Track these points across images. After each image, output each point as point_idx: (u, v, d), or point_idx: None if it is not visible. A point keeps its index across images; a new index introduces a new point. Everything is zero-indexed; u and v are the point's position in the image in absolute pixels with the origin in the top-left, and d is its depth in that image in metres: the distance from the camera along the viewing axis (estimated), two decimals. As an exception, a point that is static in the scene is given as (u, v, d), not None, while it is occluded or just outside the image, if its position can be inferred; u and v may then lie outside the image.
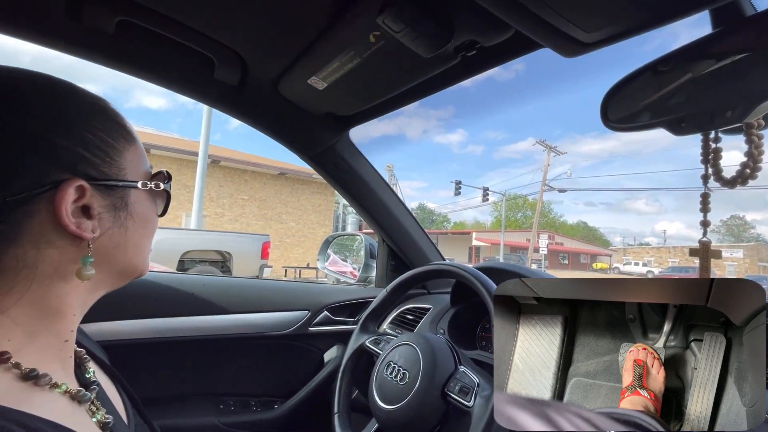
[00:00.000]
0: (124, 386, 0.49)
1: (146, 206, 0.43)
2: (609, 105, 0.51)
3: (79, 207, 0.36)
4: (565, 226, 51.34)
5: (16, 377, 0.32)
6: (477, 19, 0.54)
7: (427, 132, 70.81)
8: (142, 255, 0.43)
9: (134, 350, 0.94)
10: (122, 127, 0.41)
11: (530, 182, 48.64)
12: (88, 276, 0.37)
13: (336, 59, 0.67)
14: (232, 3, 0.61)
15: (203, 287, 1.06)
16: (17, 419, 0.27)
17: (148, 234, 0.44)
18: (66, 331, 0.37)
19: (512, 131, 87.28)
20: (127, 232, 0.40)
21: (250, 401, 1.10)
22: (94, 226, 0.37)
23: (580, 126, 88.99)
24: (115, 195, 0.39)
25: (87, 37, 0.69)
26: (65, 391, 0.35)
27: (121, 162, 0.40)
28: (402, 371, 0.70)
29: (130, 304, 0.95)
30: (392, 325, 1.13)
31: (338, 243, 1.65)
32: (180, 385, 1.04)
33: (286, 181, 11.94)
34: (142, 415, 0.49)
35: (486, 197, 22.58)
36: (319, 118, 0.95)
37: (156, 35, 0.69)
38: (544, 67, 59.88)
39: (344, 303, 1.22)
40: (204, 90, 0.86)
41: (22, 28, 0.68)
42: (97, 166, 0.37)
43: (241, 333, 1.07)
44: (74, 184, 0.35)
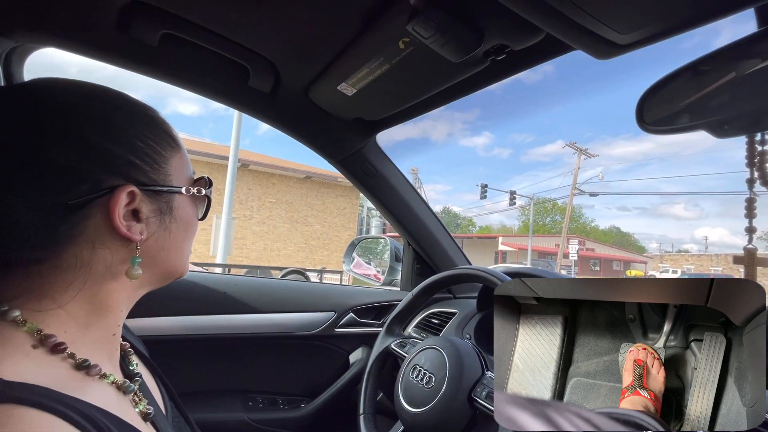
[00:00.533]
0: (162, 379, 0.52)
1: (189, 211, 0.44)
2: (645, 107, 0.50)
3: (129, 211, 0.38)
4: (597, 231, 49.44)
5: (70, 366, 0.34)
6: (507, 24, 0.54)
7: (452, 135, 70.27)
8: (183, 257, 0.45)
9: (170, 346, 0.99)
10: (168, 135, 0.43)
11: (560, 186, 47.28)
12: (137, 275, 0.39)
13: (365, 66, 0.68)
14: (268, 15, 0.64)
15: (235, 287, 1.10)
16: (74, 405, 0.29)
17: (189, 237, 0.45)
18: (114, 326, 0.40)
19: (540, 134, 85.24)
20: (171, 235, 0.42)
21: (278, 399, 1.13)
22: (142, 228, 0.39)
23: (612, 128, 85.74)
24: (162, 200, 0.41)
25: (133, 49, 0.74)
26: (112, 382, 0.37)
27: (168, 168, 0.42)
28: (428, 375, 0.70)
29: (168, 301, 0.99)
30: (417, 328, 1.13)
31: (363, 246, 1.67)
32: (211, 381, 1.08)
33: (311, 184, 12.15)
34: (178, 407, 0.51)
35: (513, 201, 22.10)
36: (348, 123, 0.96)
37: (195, 47, 0.73)
38: (573, 68, 58.23)
39: (370, 305, 1.23)
40: (238, 97, 0.89)
41: (75, 42, 0.73)
42: (146, 172, 0.39)
43: (269, 332, 1.10)
44: (126, 189, 0.37)
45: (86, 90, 0.40)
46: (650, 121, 0.50)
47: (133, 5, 0.64)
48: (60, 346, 0.34)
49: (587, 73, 65.54)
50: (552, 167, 75.55)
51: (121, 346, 0.46)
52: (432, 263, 1.26)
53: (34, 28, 0.71)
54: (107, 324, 0.39)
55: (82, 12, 0.67)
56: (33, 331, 0.33)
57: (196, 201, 0.46)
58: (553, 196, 39.31)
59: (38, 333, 0.33)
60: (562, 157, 70.57)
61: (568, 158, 69.29)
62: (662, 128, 0.50)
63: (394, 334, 0.92)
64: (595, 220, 57.14)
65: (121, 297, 0.40)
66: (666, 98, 0.49)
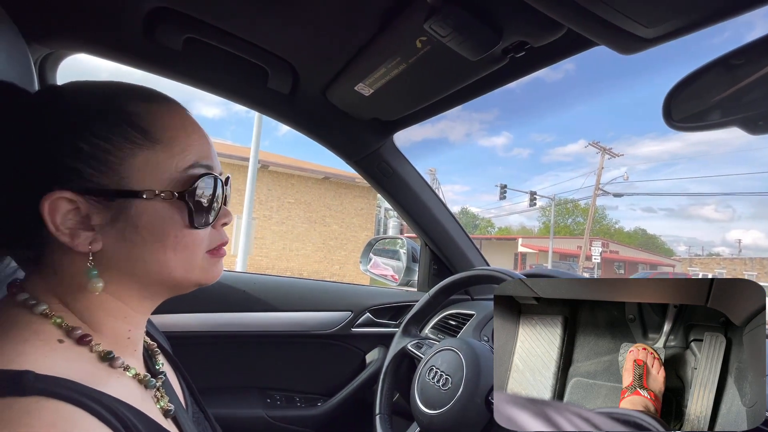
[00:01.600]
0: (183, 375, 0.53)
1: (160, 218, 0.37)
2: (673, 103, 0.48)
3: (80, 218, 0.35)
4: (621, 233, 47.92)
5: (95, 359, 0.35)
6: (527, 20, 0.53)
7: (470, 135, 69.47)
8: (173, 269, 0.38)
9: (191, 341, 1.02)
10: (134, 130, 0.36)
11: (582, 186, 46.14)
12: (95, 288, 0.35)
13: (382, 66, 0.68)
14: (287, 17, 0.65)
15: (254, 285, 1.12)
16: (99, 399, 0.31)
17: (170, 248, 0.37)
18: (124, 330, 0.39)
19: (561, 133, 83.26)
20: (135, 246, 0.37)
21: (295, 397, 1.14)
22: (93, 238, 0.35)
23: (637, 127, 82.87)
24: (115, 206, 0.36)
25: (158, 53, 0.76)
26: (134, 375, 0.38)
27: (123, 170, 0.36)
28: (444, 376, 0.69)
29: (190, 298, 1.02)
30: (434, 329, 1.13)
31: (380, 246, 1.67)
32: (230, 377, 1.10)
33: (330, 185, 12.25)
34: (198, 403, 0.53)
35: (533, 201, 21.69)
36: (365, 124, 0.97)
37: (217, 50, 0.75)
38: (596, 65, 56.45)
39: (386, 305, 1.23)
40: (258, 99, 0.91)
41: (104, 48, 0.77)
42: (90, 176, 0.35)
43: (287, 330, 1.12)
44: (55, 196, 0.34)
45: (56, 91, 0.38)
46: (678, 118, 0.48)
47: (158, 11, 0.67)
48: (86, 338, 0.35)
49: (611, 69, 63.54)
50: (573, 167, 73.73)
51: (149, 346, 0.48)
52: (449, 264, 1.25)
53: (66, 36, 0.75)
54: (118, 327, 0.39)
55: (111, 20, 0.70)
56: (60, 324, 0.35)
57: (179, 206, 0.37)
58: (575, 196, 38.37)
59: (65, 326, 0.35)
60: (584, 157, 68.74)
61: (591, 158, 67.46)
62: (691, 125, 0.49)
63: (410, 335, 0.91)
64: (619, 221, 55.33)
65: (114, 306, 0.38)
66: (695, 94, 0.47)
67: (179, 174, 0.38)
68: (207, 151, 0.41)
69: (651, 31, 0.45)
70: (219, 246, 0.42)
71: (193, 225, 0.38)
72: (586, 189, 30.35)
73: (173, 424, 0.41)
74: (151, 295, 0.40)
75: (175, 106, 0.41)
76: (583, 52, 0.60)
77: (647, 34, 0.46)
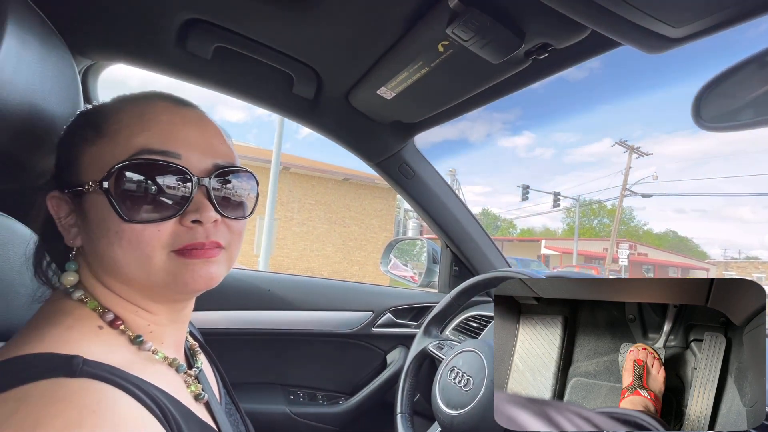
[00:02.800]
0: (218, 369, 0.56)
1: (101, 211, 0.36)
2: (702, 102, 0.47)
3: (69, 215, 0.39)
4: (651, 235, 46.10)
5: (128, 342, 0.38)
6: (550, 23, 0.53)
7: (490, 136, 68.33)
8: (128, 268, 0.36)
9: (218, 338, 1.05)
10: (87, 128, 0.39)
11: (608, 186, 44.72)
12: (68, 281, 0.38)
13: (404, 70, 0.69)
14: (311, 24, 0.67)
15: (278, 284, 1.15)
16: (138, 384, 0.33)
17: (116, 243, 0.35)
18: (144, 324, 0.40)
19: (585, 133, 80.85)
20: (92, 242, 0.37)
21: (317, 395, 1.17)
22: (74, 234, 0.39)
23: (665, 125, 79.51)
24: (74, 201, 0.38)
25: (189, 62, 0.80)
26: (164, 358, 0.40)
27: (77, 166, 0.38)
28: (466, 377, 0.69)
29: (216, 296, 1.06)
30: (455, 331, 1.13)
31: (401, 247, 1.68)
32: (255, 374, 1.14)
33: (350, 186, 12.35)
34: (230, 395, 0.55)
35: (557, 202, 21.17)
36: (386, 126, 0.98)
37: (244, 58, 0.78)
38: (620, 64, 54.43)
39: (407, 306, 1.24)
40: (283, 104, 0.94)
41: (140, 58, 0.81)
42: (60, 173, 0.40)
43: (309, 329, 1.14)
44: (52, 194, 0.39)
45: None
46: (708, 118, 0.47)
47: (190, 22, 0.70)
48: (116, 321, 0.38)
49: (636, 68, 61.12)
50: (598, 168, 71.48)
51: (192, 345, 0.50)
52: (470, 265, 1.24)
53: (106, 48, 0.80)
54: (137, 321, 0.40)
55: (147, 32, 0.74)
56: (95, 308, 0.38)
57: (122, 197, 0.35)
58: (600, 197, 37.20)
59: (98, 309, 0.38)
60: (609, 157, 66.50)
61: (616, 158, 65.19)
62: (722, 125, 0.47)
63: (431, 336, 0.92)
64: (648, 223, 53.24)
65: (120, 303, 0.39)
66: (727, 93, 0.46)
67: (119, 165, 0.35)
68: (168, 136, 0.37)
69: (679, 30, 0.45)
70: (187, 246, 0.37)
71: (122, 218, 0.35)
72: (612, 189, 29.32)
73: (205, 410, 0.44)
74: (143, 295, 0.39)
75: (145, 100, 0.40)
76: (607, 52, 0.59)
77: (674, 33, 0.45)
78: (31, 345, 0.32)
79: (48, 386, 0.29)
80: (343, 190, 12.34)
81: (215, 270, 0.39)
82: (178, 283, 0.37)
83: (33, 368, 0.30)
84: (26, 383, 0.28)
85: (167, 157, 0.36)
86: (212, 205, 0.38)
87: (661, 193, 23.35)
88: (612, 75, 57.54)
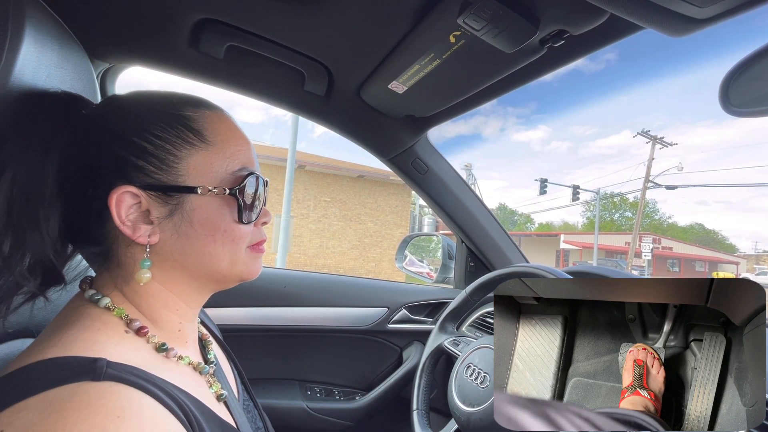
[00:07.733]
0: (236, 365, 0.57)
1: (213, 212, 0.40)
2: (731, 87, 0.45)
3: (141, 212, 0.39)
4: (676, 228, 44.58)
5: (153, 348, 0.39)
6: (566, 8, 0.51)
7: (504, 130, 67.11)
8: (219, 261, 0.41)
9: (236, 334, 1.07)
10: (190, 133, 0.40)
11: (630, 179, 43.18)
12: (143, 278, 0.38)
13: (415, 63, 0.68)
14: (322, 20, 0.66)
15: (294, 281, 1.16)
16: (161, 385, 0.34)
17: (220, 240, 0.41)
18: (176, 323, 0.42)
19: (603, 125, 78.54)
20: (189, 239, 0.40)
21: (334, 390, 1.18)
22: (153, 231, 0.39)
23: (689, 114, 76.32)
24: (172, 201, 0.39)
25: (202, 62, 0.81)
26: (189, 363, 0.41)
27: (181, 168, 0.39)
28: (482, 374, 0.68)
29: (234, 293, 1.08)
30: (472, 327, 1.11)
31: (416, 243, 1.67)
32: (272, 369, 1.15)
33: (364, 183, 12.37)
34: (248, 391, 0.56)
35: (576, 196, 20.67)
36: (399, 121, 0.97)
37: (256, 56, 0.78)
38: (638, 49, 52.13)
39: (422, 302, 1.23)
40: (295, 101, 0.94)
41: (155, 60, 0.83)
42: (151, 173, 0.38)
43: (325, 325, 1.15)
44: (122, 190, 0.37)
45: (119, 100, 0.42)
46: (738, 103, 0.45)
47: (202, 23, 0.71)
48: (143, 329, 0.38)
49: (655, 54, 58.54)
50: (617, 160, 69.41)
51: (203, 336, 0.51)
52: (486, 261, 1.22)
53: (122, 51, 0.82)
54: (171, 319, 0.41)
55: (161, 33, 0.75)
56: (121, 315, 0.38)
57: (229, 202, 0.41)
58: (621, 190, 36.17)
59: (125, 317, 0.38)
60: (629, 149, 64.48)
61: (636, 149, 63.13)
62: (753, 110, 0.45)
63: (447, 332, 0.91)
64: (672, 216, 51.44)
65: (168, 298, 0.41)
66: (757, 76, 0.44)
67: (229, 175, 0.41)
68: (251, 157, 0.45)
69: (704, 11, 0.42)
70: (259, 242, 0.45)
71: (240, 220, 0.42)
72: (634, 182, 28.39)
73: (225, 408, 0.44)
74: (200, 289, 0.43)
75: (222, 113, 0.44)
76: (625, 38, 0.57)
77: (700, 14, 0.43)
78: (56, 348, 0.32)
79: (73, 391, 0.29)
80: (358, 187, 12.37)
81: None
82: (251, 272, 0.44)
83: (58, 372, 0.30)
84: (51, 388, 0.29)
85: (256, 170, 0.44)
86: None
87: (686, 184, 22.51)
88: (629, 61, 55.54)
